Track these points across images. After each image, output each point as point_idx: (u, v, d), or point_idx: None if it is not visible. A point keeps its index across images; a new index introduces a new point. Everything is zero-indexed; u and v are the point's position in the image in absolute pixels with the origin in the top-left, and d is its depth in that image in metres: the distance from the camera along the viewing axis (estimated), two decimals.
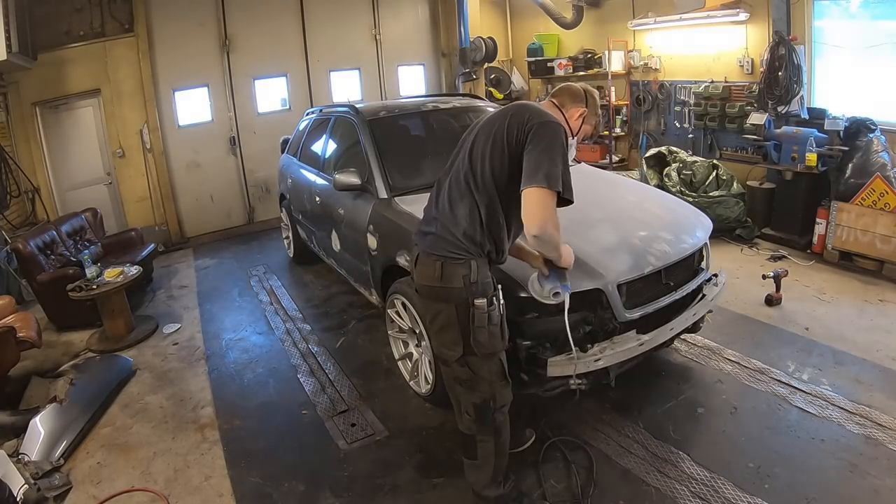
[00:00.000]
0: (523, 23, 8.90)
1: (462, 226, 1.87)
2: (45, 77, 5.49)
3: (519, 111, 1.88)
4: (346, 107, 4.17)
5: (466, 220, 1.87)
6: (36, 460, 2.61)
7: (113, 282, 3.92)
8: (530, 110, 1.86)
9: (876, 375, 2.95)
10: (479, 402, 1.96)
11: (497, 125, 1.88)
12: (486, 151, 1.87)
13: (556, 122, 1.84)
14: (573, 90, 2.05)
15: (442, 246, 1.89)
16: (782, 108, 5.08)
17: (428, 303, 1.98)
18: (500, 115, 1.93)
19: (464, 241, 1.86)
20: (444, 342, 1.95)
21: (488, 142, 1.87)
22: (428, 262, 1.91)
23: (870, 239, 4.29)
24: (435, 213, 1.97)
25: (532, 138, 1.78)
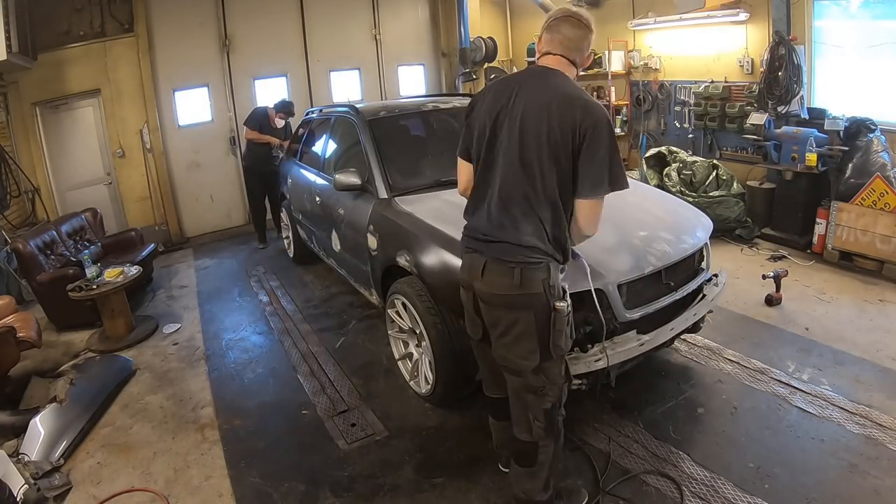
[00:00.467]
0: (523, 23, 8.90)
1: (532, 238, 1.77)
2: (45, 77, 5.50)
3: (566, 107, 1.70)
4: (347, 107, 4.17)
5: (535, 234, 1.77)
6: (36, 460, 2.61)
7: (113, 282, 3.92)
8: (578, 103, 1.70)
9: (876, 375, 2.95)
10: (550, 406, 1.89)
11: (546, 129, 1.71)
12: (544, 165, 1.72)
13: (602, 112, 1.72)
14: (574, 32, 1.83)
15: (516, 252, 1.77)
16: (782, 108, 5.07)
17: (501, 313, 1.82)
18: (541, 111, 1.73)
19: (537, 247, 1.77)
20: (520, 353, 1.82)
21: (543, 150, 1.72)
22: (502, 270, 1.77)
23: (870, 239, 4.29)
24: (495, 229, 1.81)
25: (590, 141, 1.68)
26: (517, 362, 1.84)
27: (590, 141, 1.69)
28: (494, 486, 2.35)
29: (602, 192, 1.73)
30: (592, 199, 1.74)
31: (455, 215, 2.88)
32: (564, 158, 1.72)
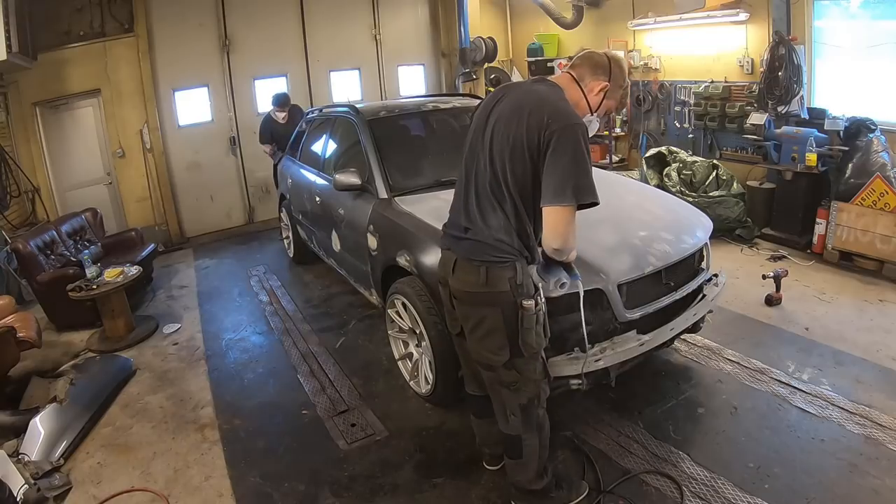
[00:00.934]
0: (523, 23, 8.90)
1: (498, 233, 1.81)
2: (45, 77, 5.49)
3: (537, 109, 1.73)
4: (346, 107, 4.17)
5: (500, 229, 1.81)
6: (36, 460, 2.61)
7: (113, 282, 3.92)
8: (548, 107, 1.73)
9: (876, 375, 2.95)
10: (526, 402, 1.94)
11: (515, 127, 1.76)
12: (506, 159, 1.77)
13: (576, 122, 1.71)
14: (595, 60, 1.86)
15: (483, 250, 1.81)
16: (782, 108, 5.08)
17: (470, 309, 1.88)
18: (515, 110, 1.79)
19: (504, 244, 1.81)
20: (490, 348, 1.87)
21: (507, 146, 1.77)
22: (470, 267, 1.83)
23: (870, 239, 4.29)
24: (466, 221, 1.88)
25: (554, 146, 1.68)
26: (488, 357, 1.89)
27: (555, 146, 1.68)
28: (494, 485, 2.35)
29: (565, 201, 1.67)
30: (555, 207, 1.70)
31: None
32: (529, 158, 1.74)
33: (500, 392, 1.96)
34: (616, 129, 7.55)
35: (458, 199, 1.96)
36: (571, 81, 1.88)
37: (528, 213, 1.82)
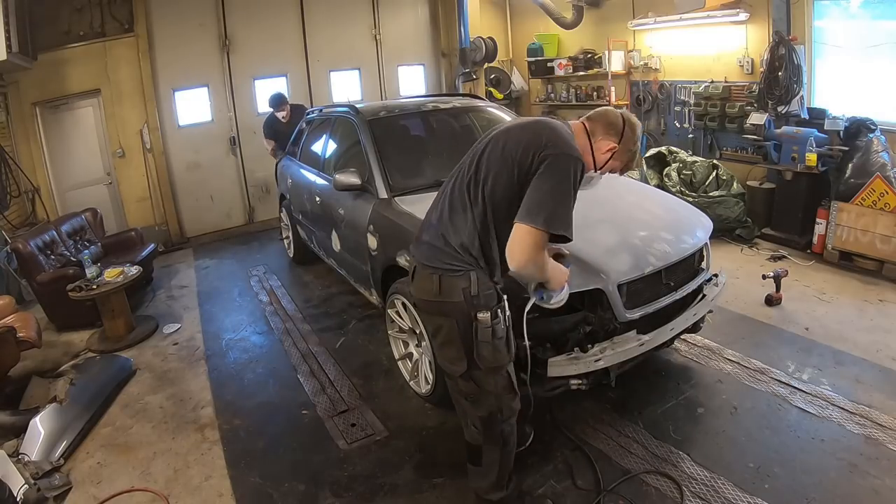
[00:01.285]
0: (523, 23, 8.90)
1: (460, 236, 1.78)
2: (45, 77, 5.49)
3: (539, 131, 1.75)
4: (346, 107, 4.17)
5: (464, 231, 1.78)
6: (36, 460, 2.61)
7: (113, 282, 3.92)
8: (550, 133, 1.73)
9: (876, 375, 2.95)
10: (486, 415, 1.90)
11: (513, 141, 1.76)
12: (492, 166, 1.77)
13: (573, 155, 1.70)
14: (610, 119, 1.86)
15: (438, 258, 1.80)
16: (782, 108, 5.08)
17: (427, 317, 1.90)
18: (518, 128, 1.82)
19: (461, 251, 1.77)
20: (447, 357, 1.87)
21: (499, 156, 1.76)
22: (425, 275, 1.82)
23: (870, 239, 4.29)
24: (435, 218, 1.88)
25: (544, 170, 1.67)
26: (446, 366, 1.88)
27: (544, 169, 1.67)
28: None
29: (536, 223, 1.63)
30: (523, 225, 1.65)
31: None
32: (516, 173, 1.72)
33: (461, 401, 1.94)
34: None
35: (437, 197, 1.95)
36: (583, 132, 1.87)
37: (496, 226, 1.78)
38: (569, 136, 1.78)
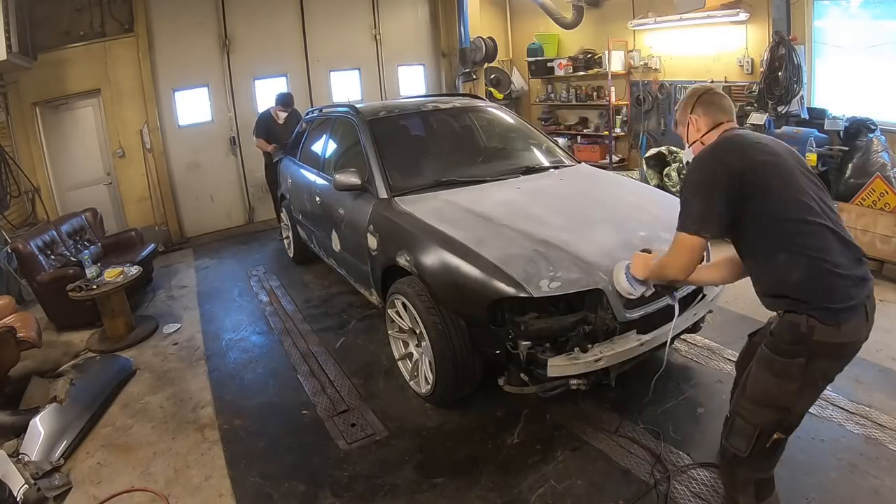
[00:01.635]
0: (523, 23, 8.91)
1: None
2: (45, 77, 5.50)
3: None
4: (346, 107, 4.17)
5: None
6: (36, 460, 2.61)
7: (113, 282, 3.92)
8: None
9: (876, 375, 2.95)
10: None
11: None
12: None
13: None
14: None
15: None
16: (782, 108, 5.08)
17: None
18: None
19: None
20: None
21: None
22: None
23: (870, 239, 4.29)
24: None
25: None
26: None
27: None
28: (494, 486, 2.35)
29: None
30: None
31: (455, 215, 2.90)
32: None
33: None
34: (616, 129, 7.55)
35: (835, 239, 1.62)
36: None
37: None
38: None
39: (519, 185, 3.33)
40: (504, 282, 2.39)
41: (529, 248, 2.55)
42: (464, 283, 2.52)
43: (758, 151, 1.66)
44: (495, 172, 3.50)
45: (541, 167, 3.69)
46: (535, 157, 3.89)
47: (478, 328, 2.57)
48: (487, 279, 2.43)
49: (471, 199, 3.08)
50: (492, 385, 2.76)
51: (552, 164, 3.76)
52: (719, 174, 1.62)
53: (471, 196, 3.14)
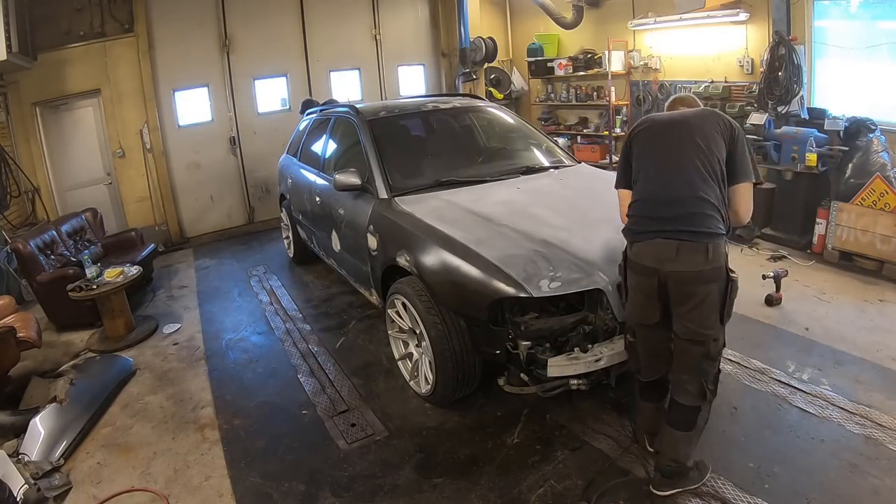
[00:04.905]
0: (523, 23, 8.90)
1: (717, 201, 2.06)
2: (45, 77, 5.50)
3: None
4: (347, 107, 4.17)
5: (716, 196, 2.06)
6: (36, 460, 2.61)
7: (113, 282, 3.92)
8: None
9: (876, 375, 2.95)
10: (718, 370, 2.15)
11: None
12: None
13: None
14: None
15: (706, 224, 2.01)
16: (782, 108, 5.08)
17: (695, 287, 2.02)
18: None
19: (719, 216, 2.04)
20: (709, 322, 2.04)
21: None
22: (698, 247, 1.99)
23: (870, 239, 4.29)
24: (684, 190, 2.07)
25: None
26: (704, 332, 2.05)
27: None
28: (494, 485, 2.35)
29: (748, 179, 2.12)
30: (748, 184, 2.13)
31: (455, 215, 2.90)
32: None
33: (703, 365, 2.09)
34: (616, 129, 7.55)
35: (661, 182, 2.11)
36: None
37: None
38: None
39: (519, 185, 3.34)
40: (504, 282, 2.40)
41: (529, 248, 2.55)
42: (464, 283, 2.52)
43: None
44: (495, 172, 3.50)
45: (541, 167, 3.69)
46: (535, 157, 3.89)
47: (478, 328, 2.57)
48: (487, 279, 2.44)
49: (471, 199, 3.08)
50: (492, 385, 2.77)
51: (552, 164, 3.76)
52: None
53: (471, 196, 3.14)
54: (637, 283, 2.15)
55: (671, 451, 2.19)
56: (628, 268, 2.20)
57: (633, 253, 2.15)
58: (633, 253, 2.15)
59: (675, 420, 2.19)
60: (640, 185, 2.17)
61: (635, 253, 2.14)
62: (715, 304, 2.04)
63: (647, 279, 2.10)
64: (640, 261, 2.11)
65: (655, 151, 2.14)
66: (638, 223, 2.14)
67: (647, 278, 2.10)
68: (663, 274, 2.04)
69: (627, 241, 2.19)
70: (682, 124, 2.13)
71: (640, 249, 2.11)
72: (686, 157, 2.05)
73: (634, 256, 2.14)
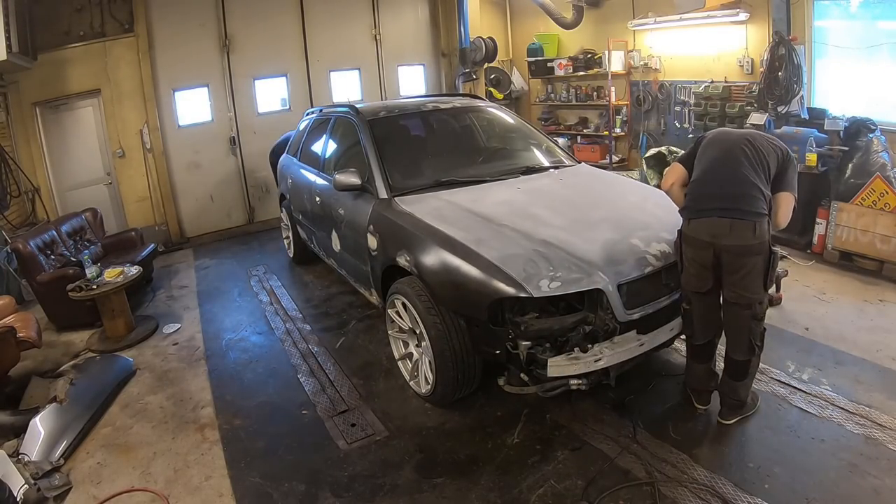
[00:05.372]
0: (523, 23, 8.91)
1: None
2: (45, 77, 5.49)
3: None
4: (346, 107, 4.17)
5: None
6: (36, 460, 2.61)
7: (113, 282, 3.92)
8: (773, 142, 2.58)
9: (876, 375, 2.95)
10: (763, 328, 2.50)
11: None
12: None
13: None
14: None
15: (754, 205, 2.34)
16: (782, 108, 5.08)
17: (745, 259, 2.33)
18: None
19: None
20: (755, 287, 2.36)
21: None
22: (748, 225, 2.30)
23: (870, 239, 4.29)
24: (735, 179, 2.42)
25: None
26: (750, 297, 2.37)
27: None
28: (494, 485, 2.35)
29: (791, 190, 2.52)
30: (791, 195, 2.49)
31: (455, 215, 2.90)
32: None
33: (750, 324, 2.42)
34: (616, 129, 7.55)
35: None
36: None
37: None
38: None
39: (519, 185, 3.33)
40: (504, 282, 2.40)
41: (529, 248, 2.55)
42: (464, 283, 2.52)
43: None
44: (495, 172, 3.50)
45: (541, 167, 3.69)
46: (534, 157, 3.89)
47: (478, 328, 2.57)
48: (487, 279, 2.44)
49: (471, 199, 3.08)
50: (492, 385, 2.77)
51: (552, 164, 3.76)
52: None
53: (471, 196, 3.14)
54: (694, 255, 2.44)
55: (734, 395, 2.56)
56: (684, 242, 2.48)
57: (691, 228, 2.43)
58: (691, 228, 2.43)
59: (732, 372, 2.53)
60: (699, 169, 2.50)
61: (693, 228, 2.42)
62: (760, 273, 2.34)
63: (703, 252, 2.39)
64: (697, 235, 2.40)
65: (717, 147, 2.51)
66: (696, 201, 2.45)
67: (703, 251, 2.39)
68: (718, 247, 2.35)
69: (685, 218, 2.48)
70: (743, 133, 2.58)
71: (698, 226, 2.40)
72: (741, 154, 2.41)
73: (692, 232, 2.43)
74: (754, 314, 2.41)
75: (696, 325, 2.59)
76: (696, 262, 2.44)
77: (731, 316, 2.47)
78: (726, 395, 2.59)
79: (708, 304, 2.52)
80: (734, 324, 2.48)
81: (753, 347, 2.46)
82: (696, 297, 2.52)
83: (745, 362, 2.49)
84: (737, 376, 2.53)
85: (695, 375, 2.72)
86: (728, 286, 2.40)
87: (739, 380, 2.53)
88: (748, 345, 2.45)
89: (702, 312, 2.55)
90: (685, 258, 2.50)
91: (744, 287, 2.36)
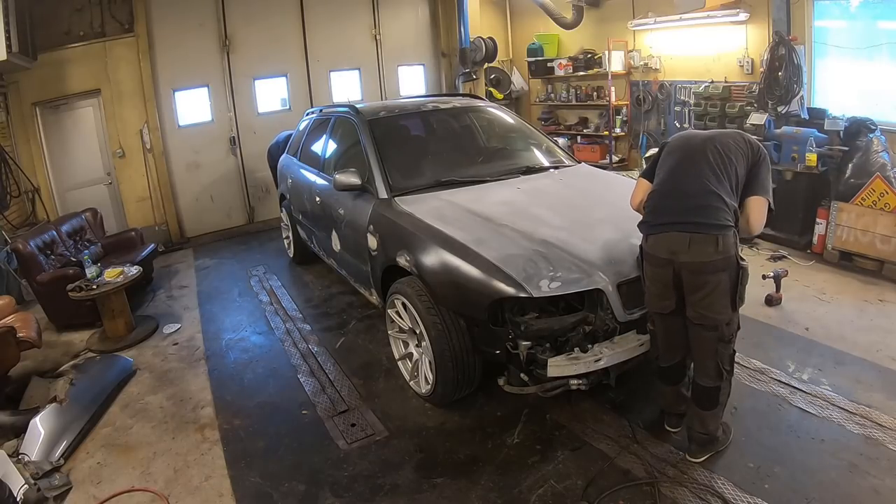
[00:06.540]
0: (523, 23, 8.91)
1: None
2: (45, 77, 5.49)
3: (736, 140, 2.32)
4: (346, 107, 4.17)
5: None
6: (36, 460, 2.61)
7: (113, 282, 3.92)
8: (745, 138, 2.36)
9: (876, 375, 2.95)
10: (733, 351, 2.31)
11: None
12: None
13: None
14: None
15: (717, 217, 2.15)
16: (782, 108, 5.08)
17: (707, 276, 2.15)
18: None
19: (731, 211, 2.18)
20: (720, 307, 2.18)
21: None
22: (706, 238, 2.13)
23: (870, 239, 4.29)
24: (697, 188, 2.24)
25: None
26: (716, 317, 2.19)
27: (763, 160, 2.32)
28: (494, 485, 2.35)
29: (764, 194, 2.26)
30: (763, 199, 2.27)
31: (455, 215, 2.90)
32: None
33: (716, 347, 2.25)
34: (616, 129, 7.55)
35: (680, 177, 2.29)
36: None
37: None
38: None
39: (519, 185, 3.34)
40: (504, 282, 2.40)
41: (529, 248, 2.55)
42: (464, 283, 2.52)
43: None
44: (495, 172, 3.50)
45: (541, 167, 3.70)
46: (534, 157, 3.90)
47: (478, 328, 2.57)
48: (487, 279, 2.44)
49: (471, 199, 3.08)
50: (492, 385, 2.77)
51: (552, 164, 3.76)
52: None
53: (471, 196, 3.14)
54: (653, 273, 2.28)
55: (701, 427, 2.36)
56: (645, 259, 2.32)
57: (649, 245, 2.28)
58: (649, 245, 2.28)
59: (699, 400, 2.34)
60: (658, 179, 2.34)
61: (651, 245, 2.27)
62: (726, 291, 2.17)
63: (662, 270, 2.23)
64: (655, 252, 2.25)
65: (677, 154, 2.33)
66: (653, 214, 2.29)
67: (662, 269, 2.23)
68: (677, 264, 2.18)
69: (643, 234, 2.31)
70: (707, 136, 2.34)
71: (655, 242, 2.24)
72: (703, 159, 2.22)
73: (650, 248, 2.27)
74: (720, 336, 2.22)
75: (661, 347, 2.43)
76: (657, 280, 2.27)
77: (696, 338, 2.28)
78: (693, 429, 2.38)
79: (673, 325, 2.34)
80: (699, 346, 2.29)
81: (721, 372, 2.28)
82: (660, 317, 2.35)
83: (714, 389, 2.30)
84: (705, 405, 2.33)
85: (663, 397, 2.59)
86: (691, 306, 2.21)
87: (708, 409, 2.33)
88: (715, 369, 2.27)
89: (667, 333, 2.38)
90: (646, 276, 2.34)
91: (707, 307, 2.17)
